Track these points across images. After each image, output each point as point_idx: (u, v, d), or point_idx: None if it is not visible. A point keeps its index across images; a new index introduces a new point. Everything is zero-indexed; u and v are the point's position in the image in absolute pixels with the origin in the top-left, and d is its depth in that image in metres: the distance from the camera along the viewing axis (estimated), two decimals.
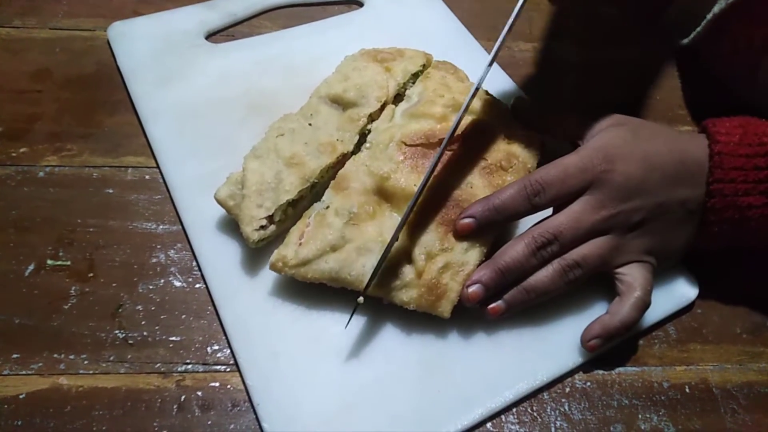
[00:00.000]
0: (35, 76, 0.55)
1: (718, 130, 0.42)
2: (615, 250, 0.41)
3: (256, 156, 0.44)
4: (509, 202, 0.40)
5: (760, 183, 0.40)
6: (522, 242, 0.40)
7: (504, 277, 0.40)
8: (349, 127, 0.47)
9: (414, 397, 0.40)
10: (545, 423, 0.40)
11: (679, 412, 0.41)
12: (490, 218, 0.41)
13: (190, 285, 0.44)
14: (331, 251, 0.41)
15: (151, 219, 0.47)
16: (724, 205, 0.41)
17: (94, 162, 0.50)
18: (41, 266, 0.44)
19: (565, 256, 0.40)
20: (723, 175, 0.40)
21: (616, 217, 0.40)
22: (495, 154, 0.45)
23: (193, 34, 0.59)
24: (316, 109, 0.48)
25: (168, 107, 0.53)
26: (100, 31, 0.59)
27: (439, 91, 0.48)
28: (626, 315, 0.41)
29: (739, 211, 0.40)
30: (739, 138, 0.41)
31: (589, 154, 0.41)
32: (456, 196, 0.43)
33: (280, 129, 0.46)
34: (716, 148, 0.41)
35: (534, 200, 0.40)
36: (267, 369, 0.40)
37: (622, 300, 0.41)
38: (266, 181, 0.43)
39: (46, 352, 0.40)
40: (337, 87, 0.48)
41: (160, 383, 0.40)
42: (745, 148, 0.40)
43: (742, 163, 0.40)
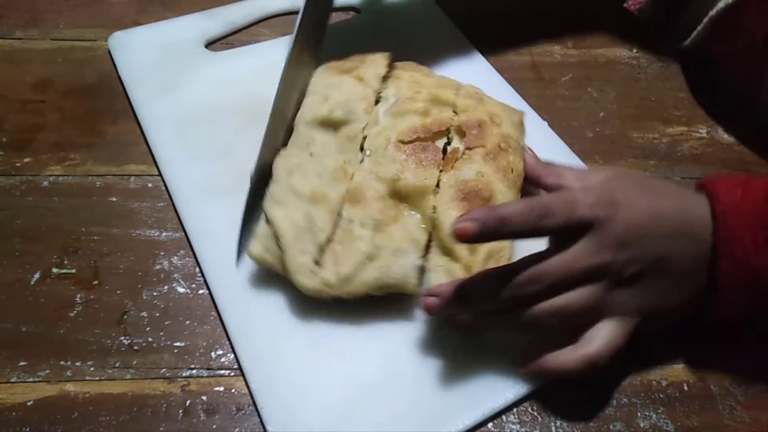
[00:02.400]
0: (38, 87, 0.56)
1: (717, 189, 0.39)
2: (600, 302, 0.38)
3: (277, 203, 0.43)
4: (516, 217, 0.37)
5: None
6: (498, 270, 0.39)
7: (467, 303, 0.39)
8: (349, 146, 0.46)
9: (416, 398, 0.40)
10: (546, 422, 0.41)
11: (678, 410, 0.42)
12: (492, 228, 0.37)
13: (194, 291, 0.45)
14: (368, 261, 0.41)
15: (154, 226, 0.48)
16: (734, 269, 0.38)
17: (97, 171, 0.51)
18: (47, 274, 0.45)
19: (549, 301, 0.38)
20: (730, 236, 0.37)
21: (611, 267, 0.38)
22: (491, 139, 0.46)
23: (192, 43, 0.59)
24: (310, 137, 0.46)
25: (169, 115, 0.53)
26: (101, 41, 0.60)
27: (414, 87, 0.49)
28: (565, 363, 0.38)
29: (752, 274, 0.37)
30: (741, 197, 0.38)
31: (597, 194, 0.39)
32: (472, 186, 0.44)
33: (287, 168, 0.44)
34: (719, 208, 0.38)
35: (540, 223, 0.37)
36: (270, 373, 0.41)
37: (577, 347, 0.38)
38: (300, 226, 0.42)
39: (52, 359, 0.41)
40: (322, 109, 0.47)
41: (166, 388, 0.40)
42: (749, 204, 0.38)
43: (747, 223, 0.37)
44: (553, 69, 0.63)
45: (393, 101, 0.48)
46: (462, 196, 0.43)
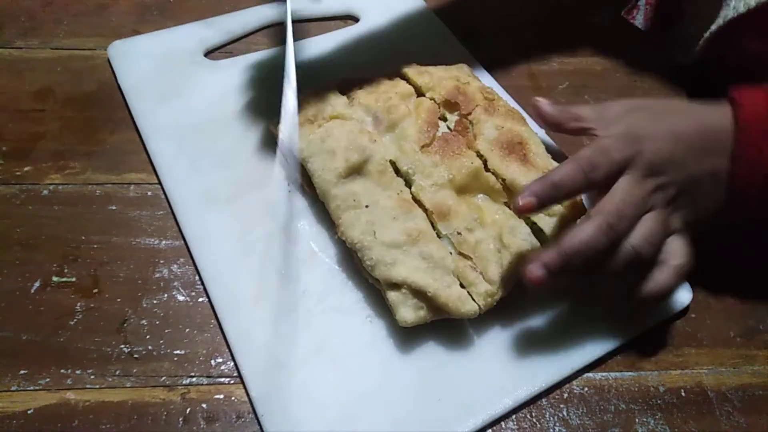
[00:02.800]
0: (38, 96, 0.56)
1: (742, 98, 0.42)
2: (662, 227, 0.41)
3: (391, 266, 0.42)
4: (567, 178, 0.40)
5: None
6: (591, 222, 0.40)
7: (570, 262, 0.39)
8: (387, 179, 0.46)
9: (415, 405, 0.41)
10: (544, 428, 0.41)
11: (676, 415, 0.42)
12: (550, 195, 0.40)
13: (194, 299, 0.45)
14: (500, 252, 0.43)
15: (154, 234, 0.48)
16: (751, 173, 0.41)
17: (97, 179, 0.51)
18: (47, 283, 0.45)
19: (634, 245, 0.40)
20: (749, 143, 0.41)
21: (656, 193, 0.41)
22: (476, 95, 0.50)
23: (192, 52, 0.60)
24: (351, 193, 0.45)
25: (168, 124, 0.54)
26: (101, 50, 0.60)
27: (380, 99, 0.49)
28: (666, 283, 0.41)
29: (764, 177, 0.41)
30: (765, 105, 0.41)
31: (620, 136, 0.42)
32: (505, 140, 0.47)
33: (364, 231, 0.43)
34: (741, 116, 0.41)
35: (590, 175, 0.40)
36: (270, 380, 0.41)
37: (663, 267, 0.41)
38: (426, 268, 0.42)
39: (53, 367, 0.41)
40: (338, 163, 0.45)
41: (166, 396, 0.41)
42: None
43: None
44: (550, 77, 0.63)
45: (378, 119, 0.49)
46: (505, 152, 0.47)
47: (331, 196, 0.45)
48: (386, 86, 0.51)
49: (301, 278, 0.45)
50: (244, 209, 0.49)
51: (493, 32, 0.66)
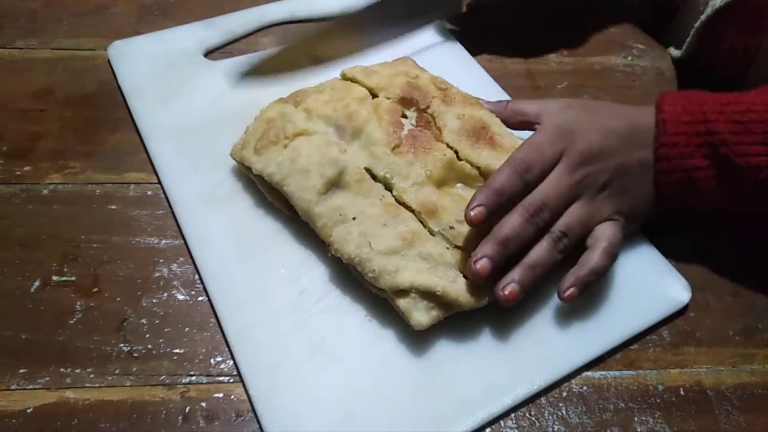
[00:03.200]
0: (38, 96, 0.57)
1: (664, 101, 0.45)
2: (590, 213, 0.44)
3: (395, 273, 0.41)
4: (507, 183, 0.43)
5: (700, 147, 0.44)
6: (515, 213, 0.43)
7: (506, 248, 0.42)
8: (367, 187, 0.45)
9: (414, 404, 0.41)
10: (543, 427, 0.41)
11: (675, 414, 0.42)
12: (496, 202, 0.42)
13: (193, 298, 0.45)
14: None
15: (154, 234, 0.48)
16: (670, 168, 0.45)
17: (97, 179, 0.51)
18: (47, 282, 0.45)
19: (552, 230, 0.43)
20: (667, 140, 0.44)
21: (586, 180, 0.44)
22: (429, 87, 0.50)
23: (192, 52, 0.60)
24: (336, 208, 0.44)
25: (168, 124, 0.54)
26: (101, 51, 0.60)
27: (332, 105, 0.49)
28: (594, 262, 0.43)
29: (685, 174, 0.44)
30: (682, 107, 0.44)
31: (552, 131, 0.45)
32: (469, 127, 0.48)
33: (359, 244, 0.42)
34: (660, 116, 0.45)
35: (526, 177, 0.43)
36: (269, 379, 0.41)
37: (591, 250, 0.44)
38: (429, 268, 0.42)
39: (52, 366, 0.41)
40: (314, 181, 0.45)
41: (165, 395, 0.41)
42: (687, 115, 0.44)
43: (684, 129, 0.44)
44: (548, 77, 0.63)
45: (341, 129, 0.48)
46: (473, 140, 0.48)
47: (315, 215, 0.44)
48: (340, 92, 0.50)
49: (300, 278, 0.45)
50: (243, 209, 0.49)
51: (491, 30, 0.66)
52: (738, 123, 0.43)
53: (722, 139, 0.43)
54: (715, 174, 0.44)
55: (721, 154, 0.43)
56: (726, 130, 0.43)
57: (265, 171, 0.46)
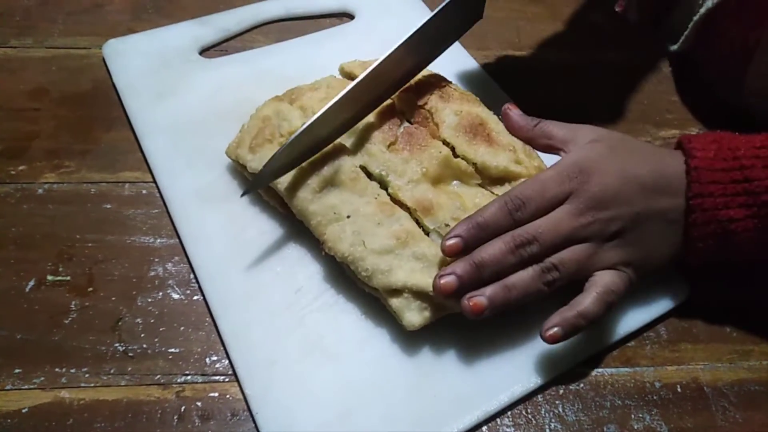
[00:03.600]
0: (32, 95, 0.56)
1: (693, 146, 0.42)
2: (592, 257, 0.41)
3: (388, 273, 0.41)
4: (491, 219, 0.41)
5: (737, 196, 0.41)
6: (501, 240, 0.41)
7: (479, 271, 0.40)
8: (362, 185, 0.45)
9: (410, 402, 0.41)
10: (540, 425, 0.41)
11: (672, 411, 0.42)
12: (476, 236, 0.41)
13: (188, 297, 0.45)
14: None
15: (149, 233, 0.48)
16: (705, 220, 0.41)
17: (92, 178, 0.51)
18: (42, 282, 0.45)
19: (544, 260, 0.41)
20: (701, 189, 0.41)
21: (593, 225, 0.41)
22: (423, 82, 0.50)
23: (186, 50, 0.60)
24: (331, 206, 0.44)
25: (163, 122, 0.54)
26: (96, 49, 0.60)
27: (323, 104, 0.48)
28: (584, 306, 0.40)
29: (721, 225, 0.41)
30: (714, 153, 0.41)
31: (566, 168, 0.42)
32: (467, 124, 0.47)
33: (353, 242, 0.42)
34: (693, 162, 0.42)
35: (516, 215, 0.41)
36: (265, 378, 0.41)
37: (584, 293, 0.41)
38: (426, 267, 0.42)
39: (47, 366, 0.41)
40: (310, 179, 0.45)
41: (161, 394, 0.41)
42: (720, 162, 0.41)
43: (719, 177, 0.41)
44: (546, 74, 0.63)
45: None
46: (470, 136, 0.47)
47: (309, 213, 0.44)
48: (336, 90, 0.49)
49: (296, 276, 0.45)
50: (239, 207, 0.49)
51: (488, 27, 0.66)
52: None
53: (763, 186, 0.40)
54: (755, 225, 0.41)
55: (762, 202, 0.40)
56: (765, 176, 0.40)
57: (259, 169, 0.46)
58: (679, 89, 0.63)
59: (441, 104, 0.49)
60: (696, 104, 0.62)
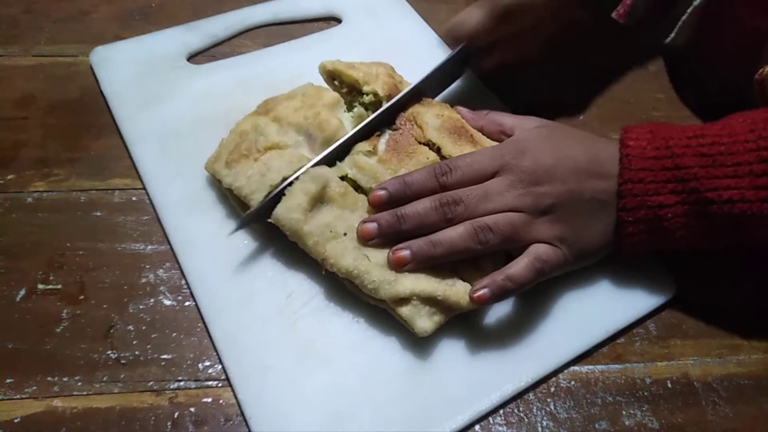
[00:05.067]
0: (20, 103, 0.56)
1: (628, 135, 0.43)
2: (526, 226, 0.42)
3: (395, 283, 0.42)
4: (418, 178, 0.43)
5: (668, 182, 0.41)
6: (427, 199, 0.43)
7: (399, 222, 0.42)
8: (353, 201, 0.45)
9: (403, 404, 0.41)
10: (532, 423, 0.41)
11: (662, 406, 0.43)
12: (400, 191, 0.43)
13: (180, 303, 0.45)
14: None
15: (140, 240, 0.48)
16: (635, 205, 0.42)
17: (81, 186, 0.51)
18: (32, 291, 0.45)
19: (476, 218, 0.42)
20: (632, 176, 0.42)
21: (525, 197, 0.42)
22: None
23: (174, 56, 0.60)
24: (323, 225, 0.44)
25: (152, 129, 0.54)
26: (83, 57, 0.60)
27: (310, 113, 0.48)
28: (514, 269, 0.41)
29: (651, 211, 0.42)
30: (647, 142, 0.43)
31: (502, 146, 0.45)
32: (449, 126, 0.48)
33: (358, 257, 0.42)
34: (625, 150, 0.43)
35: (441, 179, 0.43)
36: (258, 382, 0.41)
37: (517, 259, 0.42)
38: (428, 276, 0.42)
39: (39, 375, 0.41)
40: (300, 199, 0.44)
41: (154, 401, 0.41)
42: (652, 151, 0.42)
43: (650, 165, 0.42)
44: (534, 75, 0.63)
45: (311, 137, 0.48)
46: (455, 137, 0.48)
47: (305, 234, 0.43)
48: (311, 99, 0.50)
49: (287, 281, 0.45)
50: (229, 213, 0.49)
51: None
52: (706, 156, 0.41)
53: (692, 173, 0.41)
54: (685, 211, 0.42)
55: (691, 189, 0.41)
56: (695, 164, 0.41)
57: (234, 184, 0.46)
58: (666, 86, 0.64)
59: (422, 109, 0.49)
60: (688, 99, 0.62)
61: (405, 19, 0.66)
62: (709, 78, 0.62)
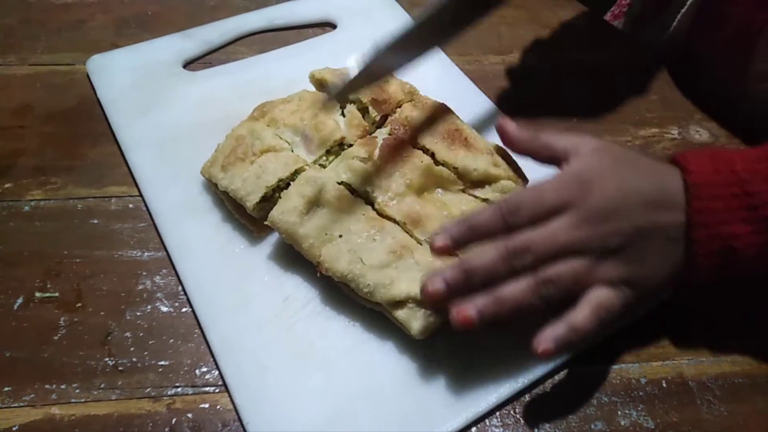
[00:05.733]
0: (17, 113, 0.57)
1: (689, 161, 0.41)
2: (589, 272, 0.40)
3: (390, 286, 0.42)
4: (484, 221, 0.40)
5: (739, 210, 0.39)
6: (494, 247, 0.39)
7: (468, 279, 0.39)
8: (348, 204, 0.45)
9: (400, 406, 0.41)
10: (528, 424, 0.41)
11: (657, 406, 0.43)
12: (466, 237, 0.40)
13: (177, 309, 0.45)
14: None
15: (136, 247, 0.48)
16: (708, 236, 0.40)
17: (78, 194, 0.51)
18: (30, 299, 0.45)
19: (539, 272, 0.39)
20: (702, 206, 0.40)
21: (592, 239, 0.39)
22: (396, 95, 0.51)
23: (170, 64, 0.60)
24: (319, 227, 0.44)
25: (148, 136, 0.54)
26: (80, 65, 0.60)
27: (306, 115, 0.49)
28: (576, 319, 0.39)
29: (724, 242, 0.40)
30: (711, 167, 0.40)
31: (567, 178, 0.41)
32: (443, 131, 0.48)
33: (351, 260, 0.43)
34: (690, 178, 0.40)
35: (510, 220, 0.40)
36: (255, 387, 0.41)
37: (578, 307, 0.40)
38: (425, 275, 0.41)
39: (37, 383, 0.41)
40: (296, 202, 0.44)
41: (151, 407, 0.41)
42: (719, 176, 0.40)
43: (719, 192, 0.39)
44: (527, 77, 0.64)
45: (307, 138, 0.48)
46: (449, 142, 0.48)
47: (300, 236, 0.44)
48: (307, 102, 0.50)
49: (283, 285, 0.46)
50: (225, 218, 0.49)
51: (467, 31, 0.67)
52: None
53: (763, 200, 0.38)
54: (758, 241, 0.39)
55: (764, 218, 0.38)
56: (766, 190, 0.39)
57: (230, 187, 0.46)
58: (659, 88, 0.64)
59: (416, 113, 0.50)
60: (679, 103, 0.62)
61: (399, 23, 0.66)
62: (703, 77, 0.62)
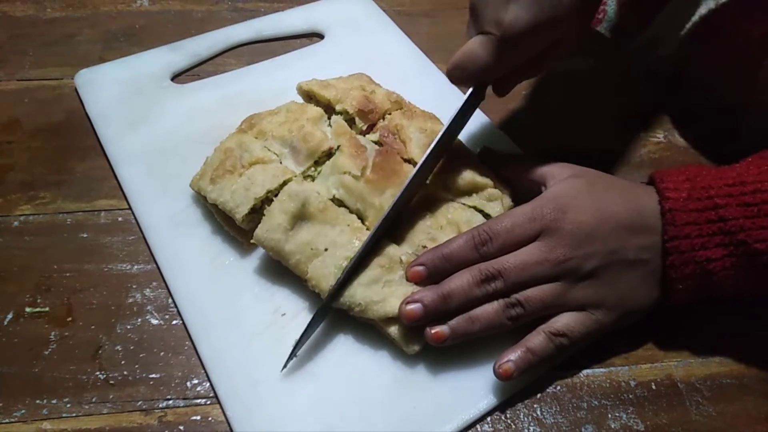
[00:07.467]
0: (5, 128, 0.57)
1: (666, 186, 0.42)
2: (560, 296, 0.41)
3: (384, 300, 0.42)
4: (457, 251, 0.42)
5: (714, 236, 0.40)
6: (468, 272, 0.41)
7: (445, 302, 0.41)
8: (332, 216, 0.45)
9: (391, 413, 0.41)
10: (519, 429, 0.42)
11: (647, 408, 0.43)
12: (439, 267, 0.42)
13: (167, 322, 0.45)
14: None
15: (126, 260, 0.48)
16: (683, 262, 0.41)
17: (68, 208, 0.51)
18: (20, 314, 0.45)
19: (511, 293, 0.41)
20: (677, 232, 0.41)
21: (566, 263, 0.41)
22: (383, 105, 0.51)
23: (158, 77, 0.60)
24: (304, 243, 0.44)
25: (137, 149, 0.54)
26: (68, 80, 0.60)
27: (294, 126, 0.49)
28: (532, 342, 0.41)
29: (699, 266, 0.41)
30: (687, 193, 0.41)
31: (541, 204, 0.42)
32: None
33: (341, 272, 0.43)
34: (667, 204, 0.41)
35: (482, 250, 0.41)
36: (246, 399, 0.41)
37: (534, 332, 0.41)
38: (414, 287, 0.43)
39: (28, 398, 0.41)
40: (280, 219, 0.44)
41: (143, 420, 0.41)
42: (694, 202, 0.40)
43: (694, 218, 0.40)
44: None
45: (295, 150, 0.48)
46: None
47: (286, 253, 0.44)
48: (295, 113, 0.50)
49: (273, 297, 0.46)
50: (214, 231, 0.49)
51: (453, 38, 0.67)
52: (751, 206, 0.39)
53: (738, 225, 0.39)
54: (733, 263, 0.40)
55: (738, 241, 0.39)
56: (740, 215, 0.39)
57: (219, 199, 0.46)
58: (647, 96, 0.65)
59: (405, 122, 0.50)
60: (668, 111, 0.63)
61: (386, 33, 0.67)
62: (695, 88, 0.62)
